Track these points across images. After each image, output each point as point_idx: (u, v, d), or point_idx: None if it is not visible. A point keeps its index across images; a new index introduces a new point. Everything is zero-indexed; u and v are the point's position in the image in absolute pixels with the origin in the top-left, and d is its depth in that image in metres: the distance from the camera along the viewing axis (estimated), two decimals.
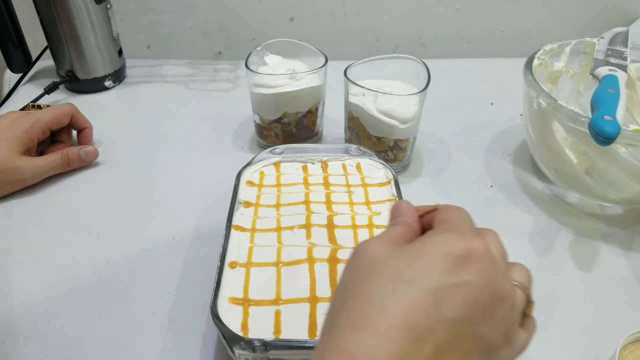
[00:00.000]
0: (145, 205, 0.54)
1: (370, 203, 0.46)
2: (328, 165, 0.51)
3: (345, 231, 0.42)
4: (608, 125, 0.41)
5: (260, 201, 0.46)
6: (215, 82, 0.77)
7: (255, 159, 0.51)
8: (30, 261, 0.48)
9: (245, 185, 0.48)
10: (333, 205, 0.45)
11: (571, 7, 0.82)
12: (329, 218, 0.44)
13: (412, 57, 0.57)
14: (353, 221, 0.44)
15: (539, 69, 0.55)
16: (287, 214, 0.44)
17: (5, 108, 0.70)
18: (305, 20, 0.82)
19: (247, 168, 0.50)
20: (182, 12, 0.81)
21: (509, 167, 0.60)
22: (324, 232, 0.42)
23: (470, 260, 0.25)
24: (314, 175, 0.49)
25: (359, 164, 0.51)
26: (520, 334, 0.28)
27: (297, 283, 0.38)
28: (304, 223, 0.43)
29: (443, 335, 0.23)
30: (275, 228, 0.43)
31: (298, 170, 0.50)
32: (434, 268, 0.25)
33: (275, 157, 0.51)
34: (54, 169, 0.55)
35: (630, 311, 0.44)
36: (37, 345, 0.40)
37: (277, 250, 0.40)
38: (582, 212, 0.54)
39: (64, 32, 0.68)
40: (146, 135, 0.64)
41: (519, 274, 0.28)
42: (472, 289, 0.24)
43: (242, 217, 0.44)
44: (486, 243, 0.26)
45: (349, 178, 0.49)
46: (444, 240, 0.26)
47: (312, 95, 0.58)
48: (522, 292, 0.27)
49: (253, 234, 0.42)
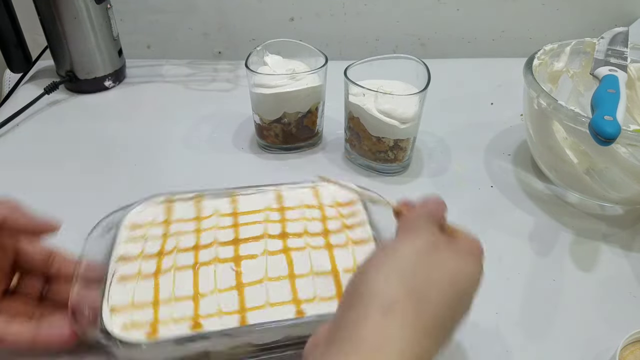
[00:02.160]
0: None
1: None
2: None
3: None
4: (608, 125, 0.41)
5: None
6: (215, 82, 0.77)
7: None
8: None
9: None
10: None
11: (571, 7, 0.82)
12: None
13: (412, 57, 0.57)
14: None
15: (539, 69, 0.55)
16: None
17: (5, 108, 0.70)
18: (305, 20, 0.82)
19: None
20: (182, 12, 0.81)
21: (509, 167, 0.60)
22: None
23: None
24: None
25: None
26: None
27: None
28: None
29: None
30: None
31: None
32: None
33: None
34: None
35: (631, 311, 0.44)
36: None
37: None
38: (582, 212, 0.54)
39: (64, 32, 0.68)
40: (146, 135, 0.64)
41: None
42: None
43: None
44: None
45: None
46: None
47: (312, 95, 0.58)
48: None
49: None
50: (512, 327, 0.42)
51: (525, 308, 0.44)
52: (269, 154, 0.62)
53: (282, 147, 0.61)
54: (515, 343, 0.41)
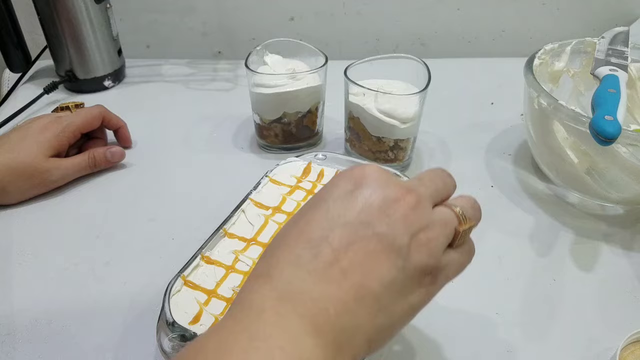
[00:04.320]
0: (144, 205, 0.54)
1: None
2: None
3: None
4: (609, 125, 0.41)
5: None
6: (215, 82, 0.77)
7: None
8: (30, 262, 0.48)
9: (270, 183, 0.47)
10: None
11: (572, 7, 0.82)
12: None
13: (413, 56, 0.56)
14: None
15: (539, 69, 0.55)
16: None
17: (5, 108, 0.70)
18: (305, 20, 0.82)
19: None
20: (182, 12, 0.81)
21: (510, 167, 0.60)
22: None
23: (364, 178, 0.28)
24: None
25: None
26: (450, 253, 0.29)
27: None
28: None
29: (339, 238, 0.26)
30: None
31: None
32: (332, 194, 0.28)
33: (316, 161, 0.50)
34: (81, 171, 0.56)
35: (631, 311, 0.44)
36: (37, 345, 0.40)
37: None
38: (582, 212, 0.54)
39: (63, 32, 0.68)
40: (146, 135, 0.64)
41: (457, 200, 0.31)
42: (362, 196, 0.27)
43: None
44: (377, 168, 0.29)
45: None
46: (344, 174, 0.30)
47: (312, 95, 0.58)
48: (451, 210, 0.29)
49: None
50: (512, 327, 0.42)
51: (525, 308, 0.44)
52: (269, 153, 0.62)
53: (282, 147, 0.61)
54: (515, 343, 0.41)
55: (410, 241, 0.26)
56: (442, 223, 0.28)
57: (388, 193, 0.27)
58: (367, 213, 0.27)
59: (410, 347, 0.41)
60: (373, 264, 0.26)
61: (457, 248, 0.29)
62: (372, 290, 0.25)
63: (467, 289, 0.45)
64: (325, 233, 0.26)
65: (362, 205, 0.27)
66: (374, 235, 0.26)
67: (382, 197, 0.27)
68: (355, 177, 0.28)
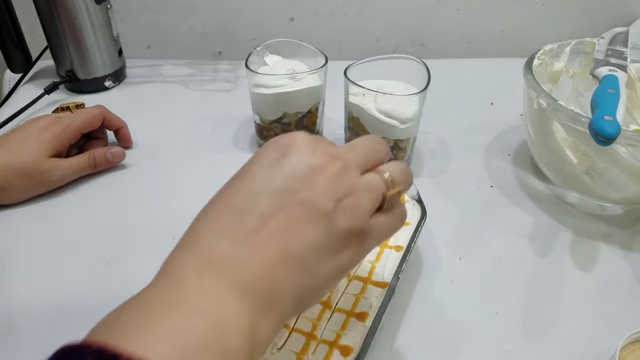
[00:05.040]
0: (144, 205, 0.54)
1: None
2: None
3: None
4: (608, 125, 0.41)
5: None
6: (215, 82, 0.77)
7: None
8: (30, 262, 0.48)
9: None
10: None
11: (571, 7, 0.82)
12: None
13: (412, 57, 0.57)
14: None
15: (539, 69, 0.55)
16: None
17: (6, 108, 0.70)
18: (305, 20, 0.82)
19: None
20: (182, 12, 0.81)
21: (509, 167, 0.60)
22: None
23: (291, 147, 0.28)
24: None
25: None
26: (378, 217, 0.30)
27: None
28: None
29: (264, 206, 0.26)
30: None
31: None
32: (258, 163, 0.29)
33: None
34: (81, 171, 0.56)
35: (631, 311, 0.44)
36: (38, 345, 0.40)
37: None
38: (582, 212, 0.54)
39: (64, 32, 0.68)
40: (146, 136, 0.64)
41: (387, 165, 0.31)
42: (287, 164, 0.28)
43: None
44: (304, 136, 0.29)
45: None
46: (271, 142, 0.30)
47: (312, 95, 0.58)
48: (379, 176, 0.30)
49: None
50: (511, 327, 0.42)
51: (525, 308, 0.44)
52: None
53: None
54: (515, 343, 0.41)
55: (335, 206, 0.27)
56: (369, 188, 0.29)
57: (314, 160, 0.28)
58: (293, 181, 0.27)
59: (410, 347, 0.41)
60: (298, 228, 0.26)
61: (386, 212, 0.30)
62: (297, 252, 0.26)
63: (467, 289, 0.46)
64: (250, 201, 0.27)
65: (287, 173, 0.28)
66: (299, 201, 0.27)
67: (308, 165, 0.28)
68: (282, 145, 0.29)
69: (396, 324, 0.42)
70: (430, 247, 0.49)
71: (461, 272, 0.47)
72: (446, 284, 0.46)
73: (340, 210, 0.27)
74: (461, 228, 0.52)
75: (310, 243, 0.26)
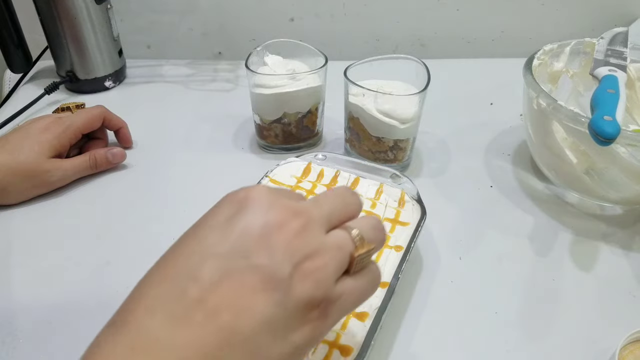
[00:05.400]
0: (145, 205, 0.54)
1: None
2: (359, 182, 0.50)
3: None
4: (608, 125, 0.41)
5: None
6: (215, 82, 0.77)
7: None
8: (30, 262, 0.48)
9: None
10: None
11: (571, 7, 0.82)
12: None
13: (412, 57, 0.57)
14: None
15: (538, 69, 0.55)
16: None
17: (6, 108, 0.70)
18: (305, 21, 0.82)
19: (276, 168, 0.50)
20: (182, 12, 0.81)
21: (509, 167, 0.60)
22: None
23: (247, 201, 0.25)
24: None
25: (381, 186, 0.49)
26: (345, 281, 0.26)
27: None
28: None
29: (209, 273, 0.23)
30: None
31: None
32: (209, 221, 0.25)
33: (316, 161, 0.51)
34: (81, 172, 0.56)
35: (630, 311, 0.44)
36: (38, 345, 0.40)
37: None
38: (582, 212, 0.54)
39: (64, 32, 0.68)
40: (146, 136, 0.64)
41: (357, 221, 0.28)
42: (241, 222, 0.24)
43: None
44: (263, 189, 0.26)
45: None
46: (227, 197, 0.27)
47: (312, 95, 0.58)
48: (347, 233, 0.26)
49: None
50: (511, 327, 0.42)
51: (525, 308, 0.44)
52: (269, 154, 0.62)
53: (282, 147, 0.61)
54: (515, 343, 0.41)
55: (293, 271, 0.24)
56: (334, 248, 0.25)
57: (271, 217, 0.25)
58: (245, 241, 0.24)
59: (410, 347, 0.41)
60: (246, 301, 0.23)
61: (355, 275, 0.27)
62: (243, 333, 0.22)
63: (467, 289, 0.46)
64: (195, 267, 0.23)
65: (239, 233, 0.24)
66: (250, 267, 0.23)
67: (264, 223, 0.24)
68: (238, 200, 0.25)
69: (396, 324, 0.42)
70: (430, 247, 0.49)
71: (461, 272, 0.47)
72: (446, 284, 0.46)
73: (299, 275, 0.24)
74: (461, 228, 0.52)
75: (261, 319, 0.23)
